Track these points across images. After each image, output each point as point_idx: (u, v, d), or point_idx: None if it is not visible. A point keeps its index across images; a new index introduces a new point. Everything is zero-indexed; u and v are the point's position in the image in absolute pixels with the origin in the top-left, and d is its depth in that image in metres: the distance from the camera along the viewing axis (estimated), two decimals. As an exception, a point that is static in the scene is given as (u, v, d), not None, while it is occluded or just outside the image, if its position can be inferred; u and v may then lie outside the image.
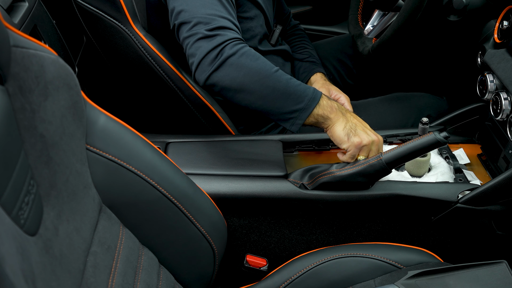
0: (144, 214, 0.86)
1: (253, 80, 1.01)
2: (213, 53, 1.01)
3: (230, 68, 1.01)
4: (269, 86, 1.01)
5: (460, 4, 1.27)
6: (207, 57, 1.01)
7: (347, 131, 1.02)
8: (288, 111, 1.03)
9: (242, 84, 1.01)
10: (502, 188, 1.01)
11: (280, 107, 1.02)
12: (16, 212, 0.57)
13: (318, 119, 1.03)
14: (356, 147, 1.02)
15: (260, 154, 1.12)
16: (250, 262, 1.11)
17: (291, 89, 1.02)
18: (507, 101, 1.11)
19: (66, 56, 1.30)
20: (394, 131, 1.25)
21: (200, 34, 1.02)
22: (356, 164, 1.00)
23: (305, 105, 1.02)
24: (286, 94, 1.02)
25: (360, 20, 1.53)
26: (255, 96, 1.02)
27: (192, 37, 1.04)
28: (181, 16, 1.06)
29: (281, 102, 1.02)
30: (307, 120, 1.03)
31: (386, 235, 1.10)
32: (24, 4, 1.12)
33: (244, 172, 1.07)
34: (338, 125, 1.03)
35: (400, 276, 0.90)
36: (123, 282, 0.77)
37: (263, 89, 1.01)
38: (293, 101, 1.02)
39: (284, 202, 1.04)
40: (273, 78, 1.01)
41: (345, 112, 1.06)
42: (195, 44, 1.03)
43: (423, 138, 0.95)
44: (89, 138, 0.78)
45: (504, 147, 1.15)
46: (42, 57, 0.67)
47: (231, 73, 1.01)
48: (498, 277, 0.84)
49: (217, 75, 1.02)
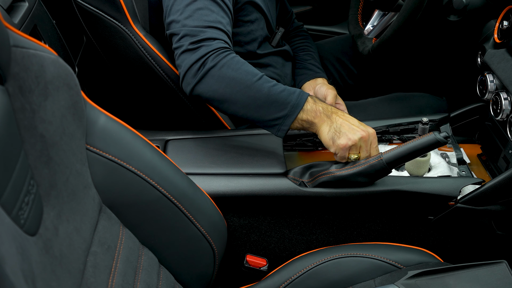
0: (144, 214, 0.86)
1: (235, 90, 1.02)
2: (196, 66, 1.04)
3: (212, 80, 1.03)
4: (250, 96, 1.02)
5: (460, 4, 1.27)
6: (191, 70, 1.04)
7: (331, 134, 1.01)
8: (272, 119, 1.03)
9: (224, 95, 1.03)
10: (502, 188, 1.00)
11: (264, 115, 1.03)
12: (16, 212, 0.57)
13: (303, 124, 1.03)
14: (342, 149, 1.00)
15: (260, 150, 1.12)
16: (250, 262, 1.11)
17: (273, 97, 1.02)
18: (507, 101, 1.11)
19: (66, 56, 1.30)
20: (397, 120, 1.24)
21: (184, 47, 1.05)
22: (357, 164, 1.00)
23: (288, 111, 1.02)
24: (269, 102, 1.02)
25: (360, 20, 1.53)
26: (239, 105, 1.03)
27: (178, 49, 1.07)
28: (172, 27, 1.10)
29: (264, 110, 1.02)
30: (293, 125, 1.03)
31: (386, 235, 1.10)
32: (24, 4, 1.12)
33: (243, 170, 1.07)
34: (323, 130, 1.02)
35: (400, 276, 0.90)
36: (123, 282, 0.77)
37: (245, 99, 1.02)
38: (276, 109, 1.02)
39: (284, 200, 1.04)
40: (255, 88, 1.02)
41: (331, 113, 1.03)
42: (180, 56, 1.06)
43: (423, 138, 0.95)
44: (89, 138, 0.78)
45: (504, 147, 1.15)
46: (42, 57, 0.67)
47: (213, 85, 1.03)
48: (498, 277, 0.84)
49: (200, 87, 1.04)
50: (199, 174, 1.06)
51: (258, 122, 1.05)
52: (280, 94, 1.02)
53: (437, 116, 1.26)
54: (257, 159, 1.09)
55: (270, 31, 1.34)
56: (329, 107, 1.04)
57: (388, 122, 1.24)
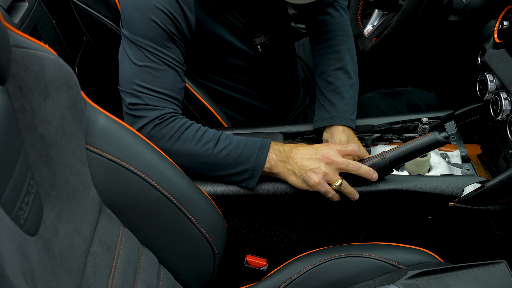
0: (144, 214, 0.86)
1: (192, 167, 0.98)
2: (142, 132, 0.97)
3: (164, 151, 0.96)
4: (207, 164, 0.98)
5: (460, 4, 1.27)
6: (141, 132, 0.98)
7: (301, 178, 0.96)
8: (237, 181, 1.00)
9: (184, 168, 0.97)
10: (502, 188, 1.00)
11: (228, 177, 1.00)
12: (16, 212, 0.57)
13: (270, 175, 1.00)
14: (320, 186, 0.95)
15: None
16: (250, 262, 1.11)
17: (232, 164, 0.98)
18: (507, 101, 1.11)
19: (66, 56, 1.30)
20: (399, 117, 1.24)
21: (125, 108, 0.99)
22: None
23: (250, 175, 0.98)
24: (230, 166, 0.98)
25: (360, 20, 1.53)
26: (202, 173, 1.00)
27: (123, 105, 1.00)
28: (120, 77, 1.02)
29: (227, 174, 0.99)
30: (263, 174, 0.99)
31: (386, 235, 1.10)
32: (24, 4, 1.13)
33: None
34: (289, 177, 0.98)
35: (400, 276, 0.90)
36: (123, 282, 0.77)
37: (204, 171, 0.99)
38: (238, 173, 0.99)
39: (284, 200, 1.04)
40: (209, 163, 0.97)
41: (287, 157, 0.98)
42: (125, 117, 1.00)
43: (423, 138, 0.95)
44: (89, 138, 0.78)
45: (504, 147, 1.15)
46: (42, 57, 0.67)
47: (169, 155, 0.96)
48: (498, 277, 0.85)
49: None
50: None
51: (224, 181, 1.01)
52: (237, 160, 0.98)
53: (441, 113, 1.25)
54: None
55: (247, 42, 1.24)
56: (282, 151, 0.99)
57: (390, 120, 1.23)
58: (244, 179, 0.99)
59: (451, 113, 1.25)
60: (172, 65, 1.01)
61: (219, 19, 1.11)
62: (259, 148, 0.98)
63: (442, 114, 1.25)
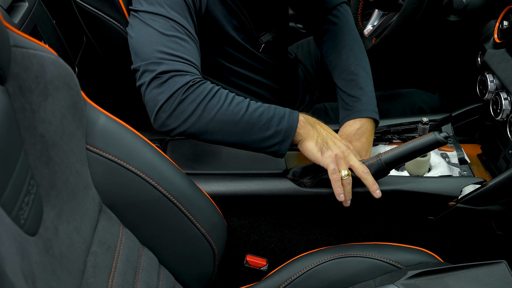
0: (144, 214, 0.86)
1: (223, 131, 0.95)
2: (167, 107, 0.94)
3: (190, 123, 0.94)
4: (240, 124, 0.95)
5: (460, 4, 1.27)
6: (162, 111, 0.95)
7: (320, 146, 0.96)
8: (267, 146, 0.97)
9: (212, 136, 0.96)
10: (502, 188, 1.01)
11: (257, 143, 0.97)
12: (16, 212, 0.57)
13: (293, 141, 0.98)
14: (333, 161, 0.95)
15: None
16: (250, 262, 1.11)
17: (265, 126, 0.96)
18: (507, 101, 1.11)
19: (66, 56, 1.30)
20: (398, 120, 1.24)
21: (149, 80, 0.96)
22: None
23: (283, 137, 0.96)
24: (264, 128, 0.96)
25: (360, 20, 1.53)
26: (231, 139, 0.97)
27: (142, 86, 0.98)
28: (133, 61, 1.01)
29: (256, 138, 0.96)
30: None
31: (386, 235, 1.10)
32: (24, 4, 1.12)
33: (243, 170, 1.07)
34: (308, 141, 0.97)
35: (400, 276, 0.90)
36: (123, 282, 0.77)
37: (235, 135, 0.96)
38: (269, 137, 0.96)
39: (284, 200, 1.04)
40: (242, 123, 0.95)
41: (314, 123, 0.99)
42: (146, 95, 0.97)
43: (423, 138, 0.95)
44: (89, 138, 0.78)
45: (504, 147, 1.15)
46: (42, 57, 0.67)
47: (194, 126, 0.94)
48: (498, 277, 0.85)
49: (181, 129, 0.96)
50: (199, 174, 1.06)
51: (252, 147, 0.99)
52: (271, 121, 0.96)
53: (438, 116, 1.26)
54: (257, 159, 1.09)
55: (251, 39, 1.25)
56: (310, 118, 1.00)
57: (389, 122, 1.24)
58: (276, 143, 0.97)
59: (447, 116, 1.26)
60: (193, 38, 1.02)
61: (226, 7, 1.12)
62: (290, 111, 0.99)
63: (439, 117, 1.26)
